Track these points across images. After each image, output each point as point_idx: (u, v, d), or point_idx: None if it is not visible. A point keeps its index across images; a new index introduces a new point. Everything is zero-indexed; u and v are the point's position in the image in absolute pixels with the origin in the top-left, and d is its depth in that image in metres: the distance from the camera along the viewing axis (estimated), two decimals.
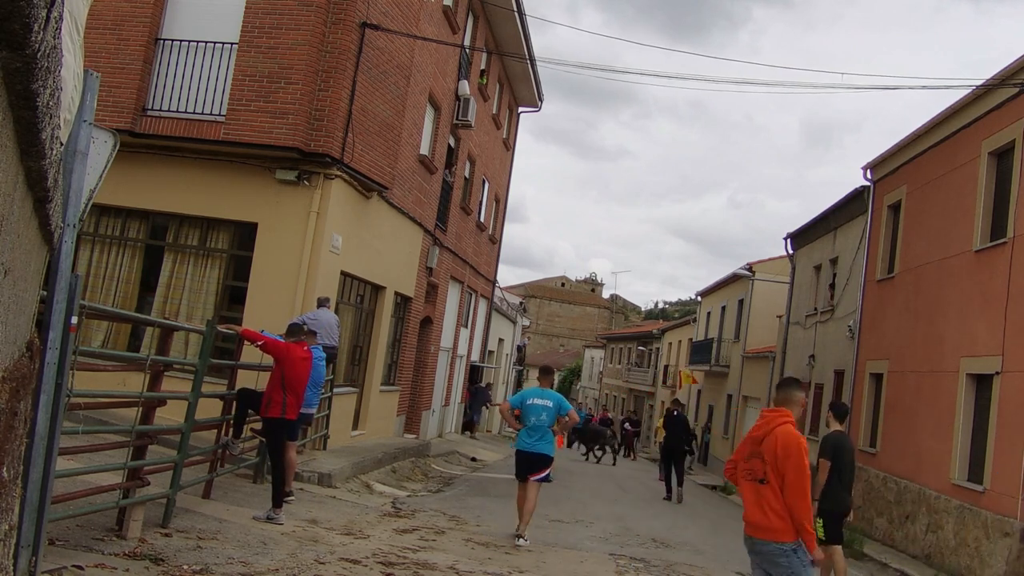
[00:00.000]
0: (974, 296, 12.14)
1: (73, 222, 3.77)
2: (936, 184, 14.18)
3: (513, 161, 26.34)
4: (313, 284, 11.19)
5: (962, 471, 11.77)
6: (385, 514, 9.30)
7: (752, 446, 4.84)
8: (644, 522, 12.00)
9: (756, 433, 4.86)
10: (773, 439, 4.72)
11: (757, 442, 4.81)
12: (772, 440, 4.72)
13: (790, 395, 4.97)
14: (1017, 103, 11.50)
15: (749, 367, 27.15)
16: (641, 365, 47.88)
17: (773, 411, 4.91)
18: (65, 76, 2.42)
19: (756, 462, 4.75)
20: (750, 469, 4.79)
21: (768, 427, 4.80)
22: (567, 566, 7.91)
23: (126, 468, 5.88)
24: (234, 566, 5.82)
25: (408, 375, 17.23)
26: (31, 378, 3.40)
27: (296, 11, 11.11)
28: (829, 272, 20.15)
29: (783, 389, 5.07)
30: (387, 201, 13.81)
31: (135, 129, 11.17)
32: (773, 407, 4.97)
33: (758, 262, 28.58)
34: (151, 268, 11.95)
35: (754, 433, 4.87)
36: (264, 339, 7.73)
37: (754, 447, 4.82)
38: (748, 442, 4.92)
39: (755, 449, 4.80)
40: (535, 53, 21.89)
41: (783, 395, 5.00)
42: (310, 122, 11.08)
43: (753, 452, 4.81)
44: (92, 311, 5.10)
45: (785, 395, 4.97)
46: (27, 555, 4.07)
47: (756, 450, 4.79)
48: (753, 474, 4.75)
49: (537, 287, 76.33)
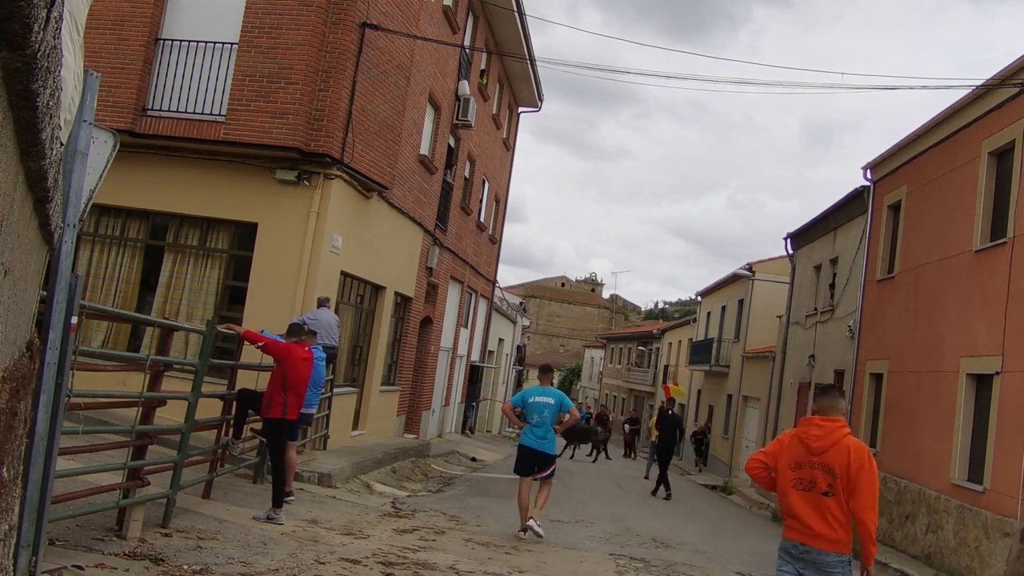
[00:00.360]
0: (974, 296, 12.14)
1: (73, 222, 3.77)
2: (936, 184, 14.18)
3: (513, 161, 26.35)
4: (313, 284, 11.19)
5: (962, 471, 11.77)
6: (385, 514, 9.30)
7: (805, 455, 4.66)
8: (644, 522, 12.00)
9: (813, 443, 4.65)
10: (843, 451, 4.60)
11: (814, 452, 4.63)
12: (842, 452, 4.59)
13: (837, 403, 4.83)
14: (1017, 103, 11.50)
15: (749, 367, 27.15)
16: (641, 365, 47.89)
17: (830, 420, 4.72)
18: (65, 76, 2.42)
19: (815, 472, 4.60)
20: (803, 479, 4.64)
21: (831, 438, 4.64)
22: (567, 566, 7.91)
23: (126, 468, 5.88)
24: (234, 566, 5.82)
25: (408, 375, 17.23)
26: (31, 378, 3.40)
27: (296, 11, 11.12)
28: (829, 272, 20.15)
29: (830, 397, 4.88)
30: (387, 201, 13.81)
31: (135, 129, 11.17)
32: (820, 416, 4.78)
33: (758, 262, 28.58)
34: (151, 268, 11.95)
35: (809, 443, 4.66)
36: (265, 340, 7.73)
37: (808, 456, 4.64)
38: (797, 450, 4.71)
39: (810, 459, 4.64)
40: (535, 53, 21.91)
41: (830, 403, 4.83)
42: (310, 122, 11.08)
43: (808, 462, 4.64)
44: (92, 311, 5.10)
45: (832, 403, 4.81)
46: (27, 555, 4.07)
47: (812, 460, 4.63)
48: (810, 484, 4.60)
49: (537, 287, 76.33)
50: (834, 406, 4.82)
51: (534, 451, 9.13)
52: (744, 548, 10.96)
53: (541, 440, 9.10)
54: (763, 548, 11.06)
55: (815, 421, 4.76)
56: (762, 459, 4.89)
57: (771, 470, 4.83)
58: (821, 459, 4.63)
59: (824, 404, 4.85)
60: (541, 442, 9.09)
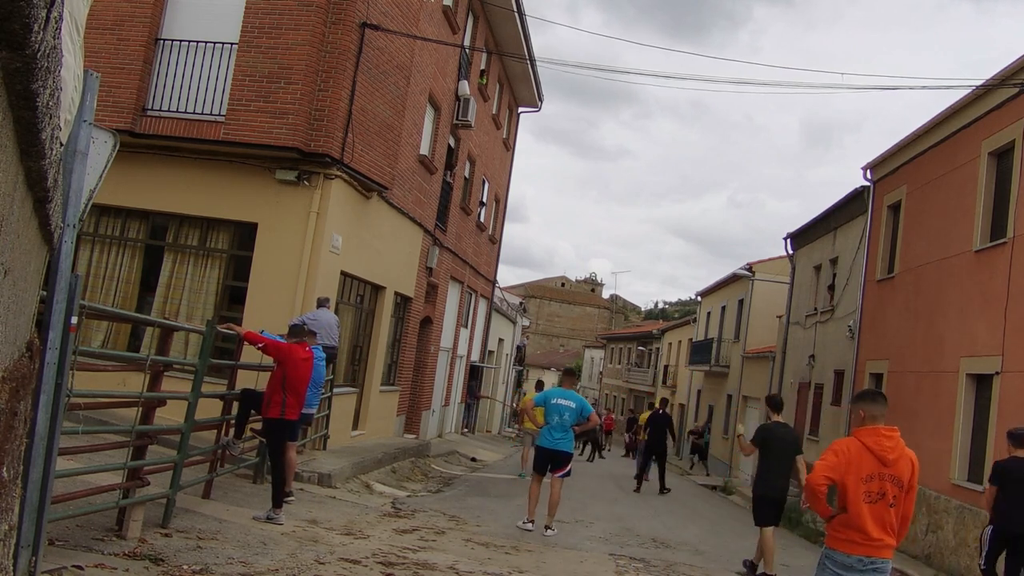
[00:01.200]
0: (974, 296, 12.14)
1: (73, 222, 3.77)
2: (936, 184, 14.19)
3: (513, 161, 26.35)
4: (313, 284, 11.19)
5: (962, 471, 11.77)
6: (385, 514, 9.30)
7: (877, 467, 4.57)
8: (644, 522, 12.00)
9: (889, 455, 4.57)
10: (907, 462, 4.59)
11: (887, 464, 4.56)
12: (907, 463, 4.59)
13: (885, 410, 4.79)
14: (1017, 103, 11.50)
15: (749, 367, 27.15)
16: (641, 365, 47.89)
17: (893, 430, 4.67)
18: (65, 76, 2.42)
19: (886, 484, 4.55)
20: (873, 491, 4.56)
21: (899, 449, 4.60)
22: (567, 566, 7.91)
23: (126, 468, 5.88)
24: (234, 566, 5.82)
25: (408, 375, 17.23)
26: (31, 378, 3.40)
27: (296, 11, 11.11)
28: (829, 272, 20.15)
29: (881, 404, 4.79)
30: (387, 201, 13.81)
31: (135, 129, 11.17)
32: (882, 425, 4.69)
33: (758, 262, 28.58)
34: (151, 268, 11.95)
35: (885, 454, 4.57)
36: (266, 341, 7.73)
37: (880, 468, 4.56)
38: (868, 461, 4.59)
39: (881, 471, 4.56)
40: (535, 53, 21.90)
41: (881, 409, 4.76)
42: (310, 122, 11.08)
43: (879, 474, 4.56)
44: (92, 311, 5.10)
45: (882, 409, 4.76)
46: (27, 555, 4.07)
47: (884, 472, 4.56)
48: (879, 496, 4.55)
49: (537, 287, 76.32)
50: (883, 413, 4.75)
51: (552, 451, 9.47)
52: (744, 548, 10.95)
53: (559, 440, 9.47)
54: None
55: (882, 432, 4.62)
56: (829, 475, 4.64)
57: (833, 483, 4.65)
58: (892, 471, 4.56)
59: (875, 411, 4.73)
60: (559, 442, 9.46)
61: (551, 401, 9.59)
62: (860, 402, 4.84)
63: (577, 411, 9.53)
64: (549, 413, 9.54)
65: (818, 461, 4.80)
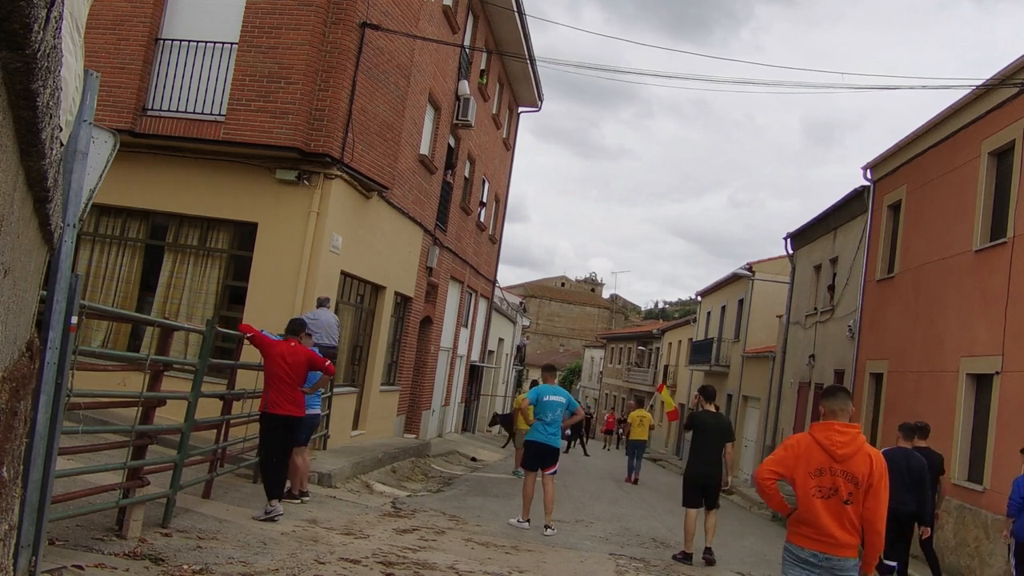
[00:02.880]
0: (974, 296, 12.14)
1: (73, 222, 3.77)
2: (936, 184, 14.18)
3: (513, 161, 26.35)
4: (313, 284, 11.19)
5: (962, 471, 11.78)
6: (385, 514, 9.29)
7: (828, 462, 4.53)
8: (644, 522, 12.00)
9: (839, 450, 4.53)
10: (865, 459, 4.53)
11: (839, 459, 4.52)
12: (864, 460, 4.53)
13: (848, 405, 4.72)
14: (1017, 103, 11.50)
15: (749, 367, 27.15)
16: (641, 365, 47.90)
17: (851, 427, 4.63)
18: (66, 76, 2.42)
19: (838, 480, 4.51)
20: (824, 486, 4.53)
21: (854, 445, 4.55)
22: (567, 566, 7.91)
23: (126, 468, 5.88)
24: (234, 566, 5.82)
25: (408, 375, 17.23)
26: (31, 378, 3.40)
27: (296, 11, 11.11)
28: (829, 272, 20.15)
29: (841, 399, 4.74)
30: (387, 201, 13.81)
31: (135, 129, 11.17)
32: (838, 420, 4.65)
33: (758, 262, 28.59)
34: (151, 268, 11.95)
35: (835, 449, 4.53)
36: (254, 332, 7.88)
37: (831, 463, 4.52)
38: (818, 456, 4.56)
39: (833, 466, 4.52)
40: (535, 52, 21.91)
41: (841, 405, 4.70)
42: (310, 122, 11.08)
43: (830, 469, 4.52)
44: (92, 311, 5.10)
45: (843, 405, 4.69)
46: (27, 555, 4.07)
47: (835, 467, 4.52)
48: (832, 492, 4.50)
49: (537, 287, 76.34)
50: (845, 408, 4.70)
51: (546, 446, 9.72)
52: (744, 548, 10.96)
53: (552, 436, 9.74)
54: (763, 548, 11.07)
55: (836, 427, 4.60)
56: (776, 469, 4.66)
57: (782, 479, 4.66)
58: (844, 466, 4.52)
59: (835, 406, 4.70)
60: (551, 438, 9.74)
61: (544, 398, 9.83)
62: (822, 399, 4.85)
63: (565, 406, 9.86)
64: (542, 410, 9.77)
65: (767, 456, 4.84)
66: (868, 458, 4.56)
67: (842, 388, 5.01)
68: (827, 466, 4.54)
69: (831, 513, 4.52)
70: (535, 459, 9.75)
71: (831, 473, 4.53)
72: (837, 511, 4.52)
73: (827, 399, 4.78)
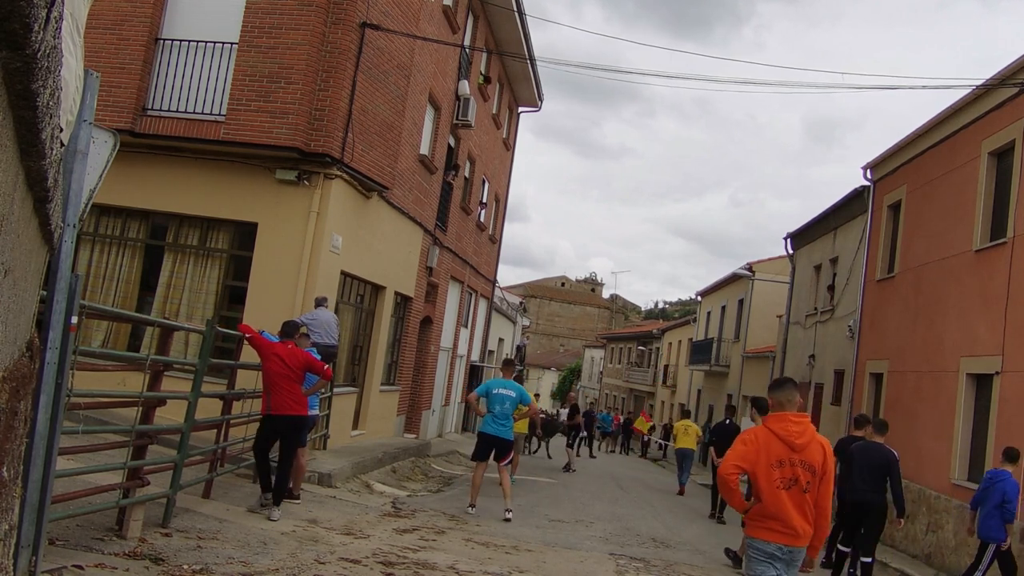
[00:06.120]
0: (974, 296, 12.14)
1: (73, 222, 3.77)
2: (936, 184, 14.19)
3: (513, 161, 26.36)
4: (313, 284, 11.19)
5: (962, 471, 11.78)
6: (385, 514, 9.30)
7: (787, 452, 4.56)
8: (644, 522, 12.00)
9: (797, 440, 4.56)
10: (819, 448, 4.59)
11: (796, 449, 4.55)
12: (818, 449, 4.58)
13: (795, 396, 4.77)
14: (1017, 103, 11.50)
15: (749, 367, 27.15)
16: (641, 365, 47.91)
17: (802, 416, 4.68)
18: (66, 77, 2.42)
19: (797, 470, 4.54)
20: (786, 477, 4.55)
21: (808, 434, 4.60)
22: (567, 566, 7.91)
23: (126, 468, 5.88)
24: (234, 566, 5.82)
25: (408, 375, 17.23)
26: (31, 378, 3.40)
27: (296, 11, 11.12)
28: (829, 272, 20.16)
29: (788, 390, 4.78)
30: (387, 201, 13.81)
31: (135, 129, 11.17)
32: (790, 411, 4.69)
33: (758, 262, 28.60)
34: (151, 268, 11.95)
35: (792, 439, 4.57)
36: (252, 333, 7.89)
37: (790, 454, 4.55)
38: (777, 447, 4.58)
39: (792, 456, 4.55)
40: (536, 51, 21.91)
41: (788, 396, 4.74)
42: (310, 122, 11.08)
43: (790, 459, 4.55)
44: (92, 311, 5.10)
45: (791, 396, 4.74)
46: (27, 555, 4.07)
47: (794, 457, 4.55)
48: (792, 482, 4.53)
49: (537, 287, 76.37)
50: (792, 400, 4.76)
51: (495, 438, 10.09)
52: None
53: (502, 428, 10.08)
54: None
55: (791, 418, 4.66)
56: (739, 463, 4.63)
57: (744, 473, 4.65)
58: (802, 456, 4.58)
59: (783, 397, 4.75)
60: (501, 430, 10.08)
61: (493, 391, 10.15)
62: (770, 391, 4.89)
63: (517, 399, 10.18)
64: (491, 402, 10.09)
65: (728, 451, 4.82)
66: (821, 447, 4.63)
67: (789, 379, 5.06)
68: (787, 457, 4.59)
69: (795, 503, 4.57)
70: (484, 450, 10.15)
71: (791, 464, 4.58)
72: (799, 501, 4.58)
73: (775, 391, 4.82)
